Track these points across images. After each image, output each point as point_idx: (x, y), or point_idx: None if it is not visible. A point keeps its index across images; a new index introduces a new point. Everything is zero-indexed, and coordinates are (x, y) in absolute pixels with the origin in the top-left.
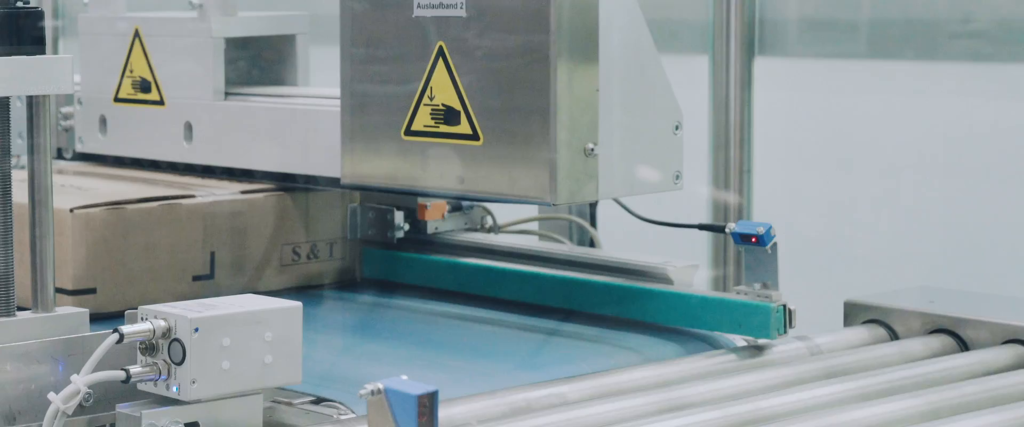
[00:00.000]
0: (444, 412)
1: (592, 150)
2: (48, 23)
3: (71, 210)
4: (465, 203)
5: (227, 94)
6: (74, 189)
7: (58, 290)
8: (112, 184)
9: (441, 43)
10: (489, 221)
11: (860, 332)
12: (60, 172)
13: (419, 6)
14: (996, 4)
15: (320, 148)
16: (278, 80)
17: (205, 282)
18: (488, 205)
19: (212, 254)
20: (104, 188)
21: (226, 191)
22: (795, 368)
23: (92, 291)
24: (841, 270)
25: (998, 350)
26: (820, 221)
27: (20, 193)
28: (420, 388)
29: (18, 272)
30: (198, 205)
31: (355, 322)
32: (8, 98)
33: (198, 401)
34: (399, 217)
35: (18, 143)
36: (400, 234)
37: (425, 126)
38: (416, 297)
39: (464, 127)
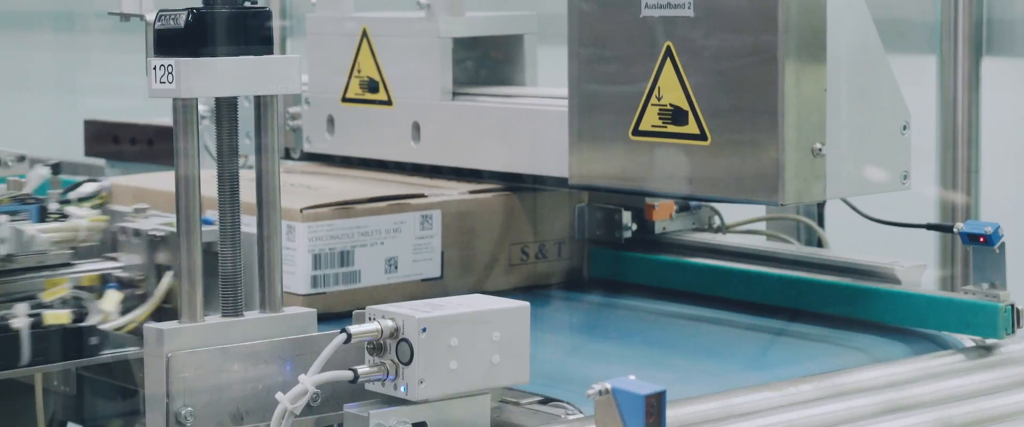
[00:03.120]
0: (671, 412)
1: (820, 150)
2: (276, 23)
3: (301, 210)
4: (693, 203)
5: (455, 94)
6: (304, 188)
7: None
8: (341, 183)
9: (669, 43)
10: (717, 221)
11: None
12: (289, 171)
13: (647, 6)
14: None
15: (548, 148)
16: (506, 80)
17: (433, 282)
18: (716, 205)
19: (441, 254)
20: (333, 187)
21: (455, 191)
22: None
23: (321, 291)
24: None
25: None
26: None
27: (248, 193)
28: (647, 388)
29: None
30: (426, 205)
31: (582, 322)
32: (236, 98)
33: (425, 401)
34: (627, 217)
35: (246, 143)
36: (627, 234)
37: (653, 126)
38: (643, 297)
39: (692, 127)
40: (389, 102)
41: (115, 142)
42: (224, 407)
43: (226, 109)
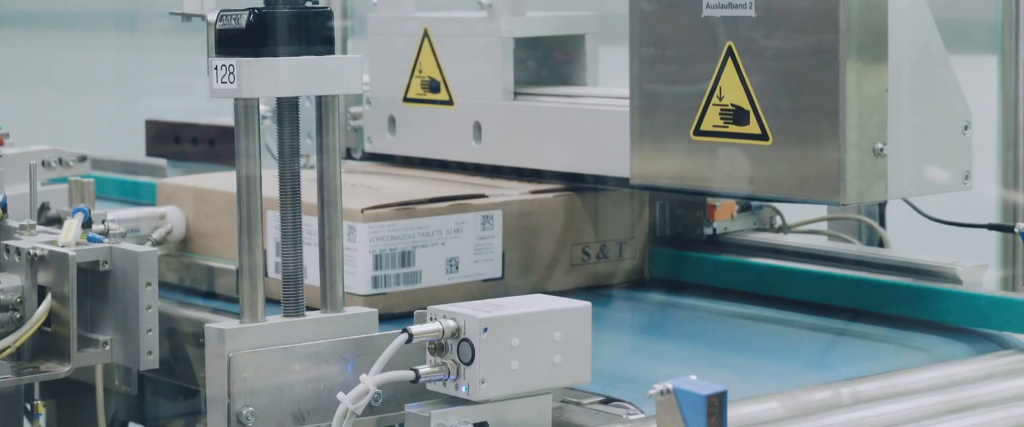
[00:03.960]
0: (733, 412)
1: (881, 150)
2: (337, 23)
3: (362, 210)
4: (754, 203)
5: (516, 94)
6: (365, 189)
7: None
8: (402, 183)
9: (730, 43)
10: (778, 221)
11: None
12: (350, 171)
13: (708, 6)
14: None
15: (609, 148)
16: (567, 80)
17: (494, 283)
18: (777, 205)
19: (502, 255)
20: (394, 188)
21: (516, 191)
22: None
23: (382, 292)
24: None
25: None
26: None
27: (309, 193)
28: (709, 388)
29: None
30: (488, 205)
31: (644, 322)
32: (297, 98)
33: (487, 401)
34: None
35: (307, 143)
36: (710, 232)
37: (714, 126)
38: (705, 297)
39: (753, 127)
40: (450, 102)
41: (176, 142)
42: (285, 407)
43: (287, 109)
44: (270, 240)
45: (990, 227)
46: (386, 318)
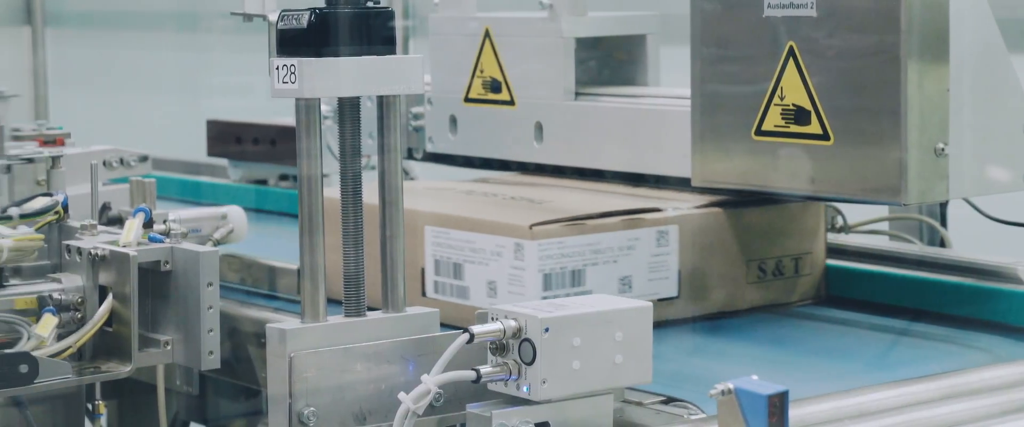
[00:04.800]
0: (794, 412)
1: (942, 150)
2: (398, 23)
3: (530, 226)
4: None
5: (577, 94)
6: (525, 202)
7: None
8: (562, 195)
9: (791, 43)
10: (839, 221)
11: None
12: (501, 182)
13: (769, 6)
14: None
15: (670, 148)
16: (628, 80)
17: (670, 303)
18: (838, 205)
19: (678, 273)
20: (557, 200)
21: (686, 204)
22: None
23: None
24: None
25: None
26: None
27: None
28: (770, 388)
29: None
30: (663, 219)
31: (704, 321)
32: (358, 98)
33: (548, 401)
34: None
35: (368, 143)
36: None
37: (775, 126)
38: None
39: (814, 127)
40: (511, 102)
41: (238, 142)
42: (347, 407)
43: (349, 109)
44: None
45: None
46: None
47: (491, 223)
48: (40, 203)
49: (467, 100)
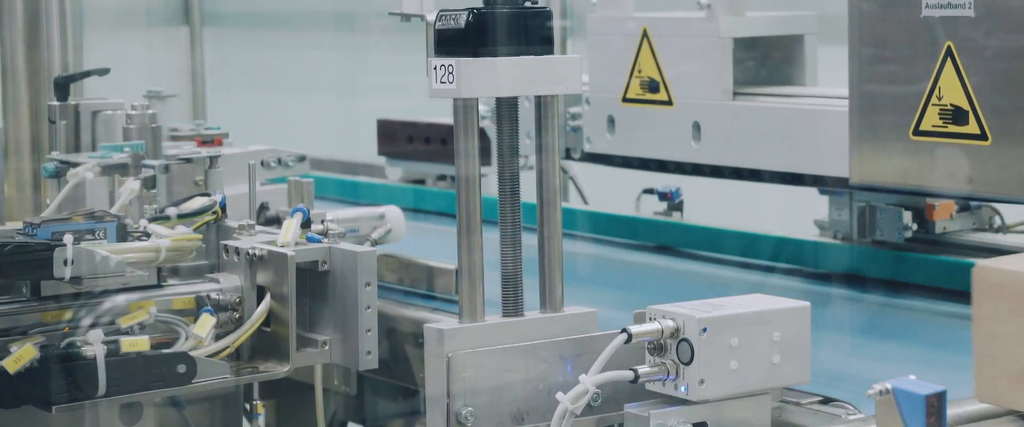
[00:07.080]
0: (952, 412)
1: None
2: (556, 23)
3: None
4: (973, 203)
5: (735, 94)
6: None
7: None
8: None
9: (949, 43)
10: (997, 221)
11: None
12: None
13: (927, 6)
14: None
15: (828, 148)
16: (786, 80)
17: None
18: (996, 205)
19: None
20: None
21: None
22: None
23: None
24: None
25: None
26: None
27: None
28: (928, 388)
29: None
30: None
31: (862, 322)
32: (516, 98)
33: (706, 401)
34: (907, 217)
35: (526, 143)
36: (908, 234)
37: (933, 126)
38: (924, 297)
39: (972, 127)
40: (669, 102)
41: (409, 141)
42: (505, 407)
43: (506, 109)
44: None
45: None
46: None
47: None
48: (198, 203)
49: (625, 100)
